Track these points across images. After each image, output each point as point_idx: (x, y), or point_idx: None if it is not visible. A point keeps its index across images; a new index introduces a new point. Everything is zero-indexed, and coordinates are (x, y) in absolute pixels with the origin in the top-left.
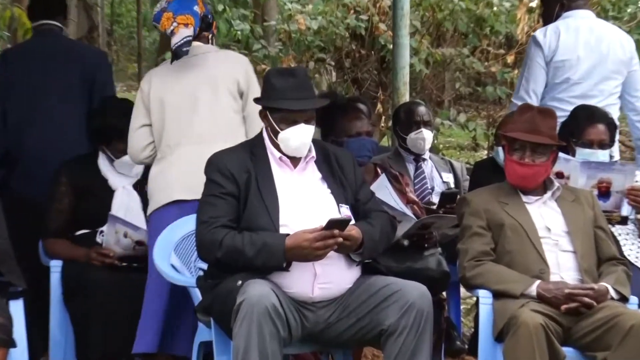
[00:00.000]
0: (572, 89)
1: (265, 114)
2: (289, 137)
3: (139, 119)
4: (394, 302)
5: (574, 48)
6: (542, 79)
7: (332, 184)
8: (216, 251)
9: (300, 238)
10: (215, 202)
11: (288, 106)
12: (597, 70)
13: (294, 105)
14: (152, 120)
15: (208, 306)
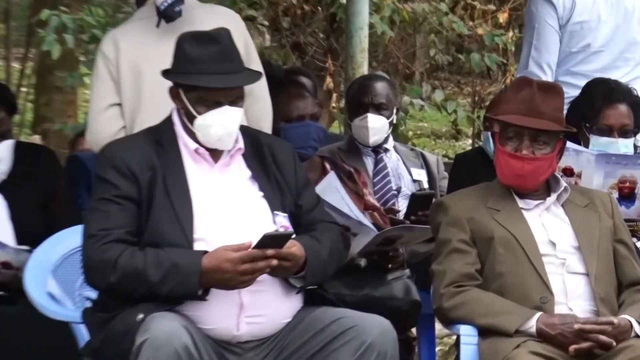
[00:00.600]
0: (592, 59)
1: (176, 92)
2: (209, 123)
3: (106, 97)
4: (346, 342)
5: (593, 5)
6: (556, 46)
7: (266, 185)
8: (109, 274)
9: (221, 258)
10: (108, 208)
11: (207, 83)
12: (621, 34)
13: (215, 81)
14: (124, 97)
15: (98, 348)
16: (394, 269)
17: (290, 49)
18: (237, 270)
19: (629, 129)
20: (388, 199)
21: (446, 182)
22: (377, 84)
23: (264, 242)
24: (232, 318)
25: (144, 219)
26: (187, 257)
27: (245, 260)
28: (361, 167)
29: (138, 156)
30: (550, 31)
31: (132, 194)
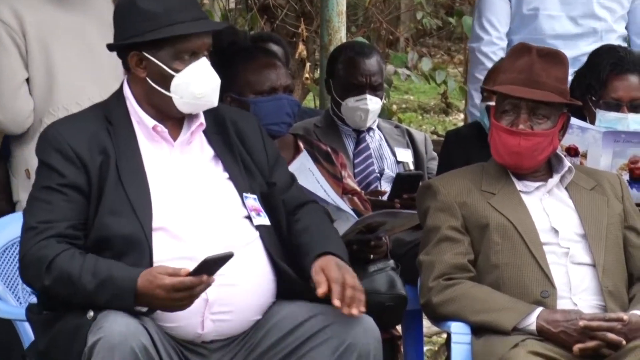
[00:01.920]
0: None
1: (139, 59)
2: (190, 80)
3: (18, 71)
4: (324, 342)
5: None
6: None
7: (231, 165)
8: (43, 276)
9: (154, 283)
10: (50, 198)
11: (187, 30)
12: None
13: (193, 27)
14: (33, 74)
15: (44, 350)
16: (377, 260)
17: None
18: (170, 297)
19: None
20: (370, 182)
21: (435, 163)
22: (371, 60)
23: (203, 267)
24: (196, 315)
25: (93, 210)
26: (124, 271)
27: (179, 289)
28: (340, 146)
29: (87, 138)
30: None
31: (80, 183)
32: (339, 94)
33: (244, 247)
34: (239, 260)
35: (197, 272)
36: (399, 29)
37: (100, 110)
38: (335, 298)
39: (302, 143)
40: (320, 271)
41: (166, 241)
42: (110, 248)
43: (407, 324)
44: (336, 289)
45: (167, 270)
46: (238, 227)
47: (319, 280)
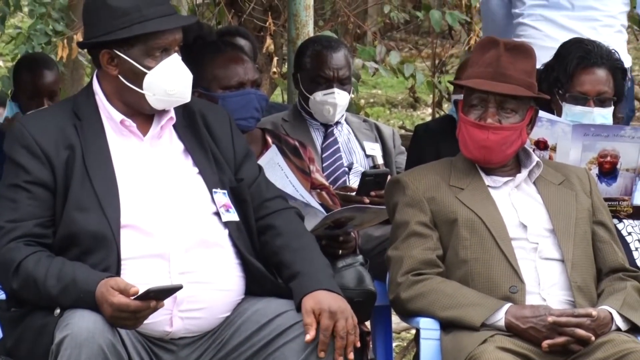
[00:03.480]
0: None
1: (110, 56)
2: (161, 77)
3: None
4: (294, 338)
5: None
6: None
7: (201, 159)
8: (10, 279)
9: (104, 297)
10: (16, 196)
11: (157, 27)
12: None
13: (165, 23)
14: None
15: (12, 347)
16: (345, 255)
17: (225, 6)
18: (114, 315)
19: (607, 97)
20: (338, 176)
21: (403, 158)
22: (339, 54)
23: (149, 296)
24: (164, 313)
25: (60, 206)
26: (87, 275)
27: (124, 310)
28: (308, 140)
29: (52, 134)
30: None
31: (45, 179)
32: (306, 88)
33: (213, 243)
34: (207, 257)
35: (143, 298)
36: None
37: (68, 105)
38: (320, 349)
39: (270, 137)
40: (311, 313)
41: (134, 238)
42: (78, 244)
43: (376, 320)
44: (323, 340)
45: (119, 285)
46: (207, 223)
47: (309, 323)
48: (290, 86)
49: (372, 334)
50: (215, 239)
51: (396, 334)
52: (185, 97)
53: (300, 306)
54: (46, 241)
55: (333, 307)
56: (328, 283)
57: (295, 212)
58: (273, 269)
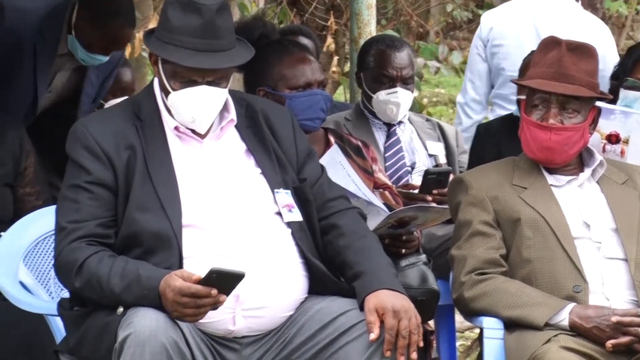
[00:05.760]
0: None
1: (155, 60)
2: (182, 103)
3: None
4: (357, 337)
5: (513, 31)
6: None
7: (263, 160)
8: (73, 278)
9: (167, 283)
10: (78, 197)
11: (181, 60)
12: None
13: (191, 59)
14: None
15: (76, 346)
16: (408, 255)
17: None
18: (176, 300)
19: None
20: (401, 176)
21: (466, 157)
22: (402, 53)
23: (211, 278)
24: (227, 311)
25: (122, 207)
26: (150, 271)
27: (185, 294)
28: (371, 140)
29: (113, 134)
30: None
31: (106, 180)
32: (369, 87)
33: (275, 243)
34: (270, 257)
35: (205, 282)
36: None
37: (129, 106)
38: (386, 349)
39: (333, 137)
40: (374, 312)
41: (196, 238)
42: (140, 244)
43: (439, 319)
44: (389, 339)
45: (183, 274)
46: (269, 223)
47: (372, 322)
48: (352, 85)
49: (435, 333)
50: (277, 239)
51: (460, 333)
52: (201, 128)
53: (363, 305)
54: (108, 241)
55: (397, 306)
56: (391, 282)
57: (357, 212)
58: (336, 268)
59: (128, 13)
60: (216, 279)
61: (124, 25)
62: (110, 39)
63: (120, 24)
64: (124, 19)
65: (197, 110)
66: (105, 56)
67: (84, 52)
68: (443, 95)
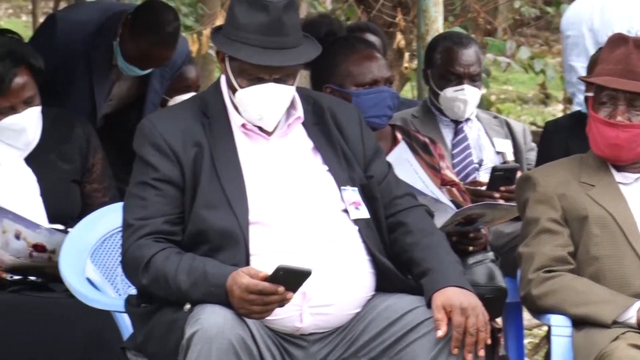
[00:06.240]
0: None
1: (222, 57)
2: (249, 100)
3: None
4: (425, 334)
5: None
6: None
7: (330, 157)
8: (141, 275)
9: (234, 280)
10: (145, 194)
11: (247, 57)
12: None
13: (257, 56)
14: None
15: (143, 342)
16: (476, 252)
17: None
18: (243, 297)
19: None
20: (468, 173)
21: (534, 154)
22: (469, 50)
23: (278, 276)
24: (294, 309)
25: (189, 204)
26: (217, 268)
27: (252, 291)
28: (438, 137)
29: (180, 131)
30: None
31: (173, 176)
32: (437, 84)
33: (342, 240)
34: (336, 254)
35: (272, 279)
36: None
37: (196, 103)
38: (454, 346)
39: (400, 134)
40: (442, 309)
41: (263, 235)
42: (207, 242)
43: (507, 317)
44: (457, 337)
45: (250, 271)
46: (336, 220)
47: (440, 319)
48: (420, 82)
49: (503, 331)
50: (344, 236)
51: (528, 331)
52: (268, 125)
53: (431, 303)
54: (175, 238)
55: (464, 304)
56: (459, 279)
57: (425, 209)
58: (403, 266)
59: (169, 34)
60: (283, 276)
61: (161, 46)
62: (145, 55)
63: (157, 43)
64: (162, 39)
65: (264, 108)
66: (141, 70)
67: (122, 60)
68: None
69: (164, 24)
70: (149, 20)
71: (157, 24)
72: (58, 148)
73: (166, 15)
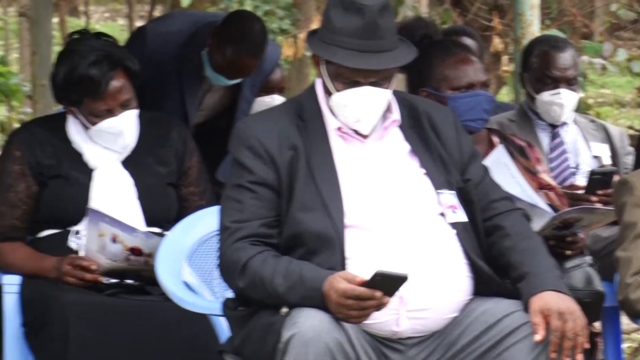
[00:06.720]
0: None
1: (317, 60)
2: (345, 103)
3: None
4: (522, 339)
5: None
6: None
7: (428, 160)
8: (237, 278)
9: (331, 285)
10: (241, 197)
11: (343, 60)
12: None
13: (353, 60)
14: None
15: (240, 345)
16: (573, 256)
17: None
18: (340, 302)
19: None
20: (565, 177)
21: (631, 158)
22: (566, 54)
23: (375, 281)
24: (391, 312)
25: (285, 207)
26: (314, 272)
27: (349, 296)
28: (534, 141)
29: (276, 134)
30: None
31: (269, 179)
32: (533, 88)
33: (439, 244)
34: (434, 258)
35: (369, 284)
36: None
37: (292, 106)
38: (551, 351)
39: (496, 137)
40: (539, 313)
41: (359, 238)
42: (303, 245)
43: (605, 321)
44: (555, 341)
45: (347, 275)
46: (433, 224)
47: (537, 323)
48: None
49: (602, 335)
50: (442, 240)
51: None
52: (364, 128)
53: (528, 307)
54: (271, 241)
55: (562, 308)
56: (556, 284)
57: (522, 213)
58: (500, 270)
59: (255, 43)
60: (380, 281)
61: (247, 54)
62: (231, 63)
63: (243, 51)
64: (248, 48)
65: (360, 111)
66: (228, 80)
67: (210, 70)
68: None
69: (251, 33)
70: (236, 29)
71: (244, 33)
72: (154, 151)
73: (253, 25)
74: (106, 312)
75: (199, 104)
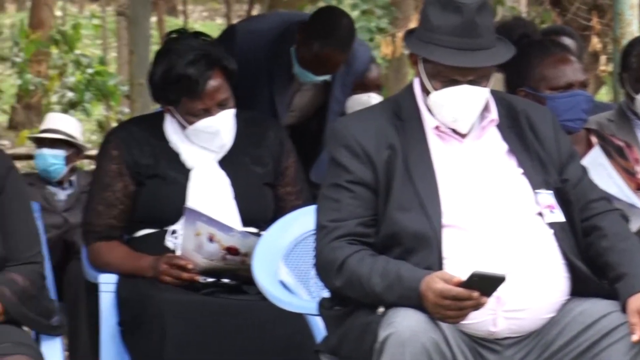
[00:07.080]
0: None
1: (415, 59)
2: (442, 102)
3: None
4: (619, 340)
5: None
6: None
7: (526, 160)
8: (334, 277)
9: (428, 285)
10: (339, 196)
11: (441, 58)
12: None
13: (452, 57)
14: None
15: (337, 345)
16: None
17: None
18: (437, 302)
19: None
20: None
21: None
22: None
23: (473, 281)
24: (488, 313)
25: (382, 206)
26: (411, 271)
27: (446, 296)
28: (633, 141)
29: (373, 133)
30: None
31: (367, 179)
32: (632, 88)
33: (537, 244)
34: (531, 258)
35: (467, 285)
36: None
37: (389, 106)
38: None
39: (595, 137)
40: (636, 313)
41: (456, 238)
42: (400, 244)
43: None
44: None
45: (444, 276)
46: (531, 224)
47: (635, 323)
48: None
49: None
50: (539, 240)
51: None
52: (463, 127)
53: (626, 307)
54: (368, 240)
55: None
56: None
57: (620, 213)
58: (597, 270)
59: (343, 38)
60: (477, 282)
61: (333, 48)
62: (317, 57)
63: (329, 45)
64: (334, 42)
65: (458, 110)
66: (315, 76)
67: (297, 65)
68: None
69: (338, 28)
70: (323, 23)
71: (331, 26)
72: (251, 151)
73: (341, 20)
74: (202, 311)
75: (289, 105)
